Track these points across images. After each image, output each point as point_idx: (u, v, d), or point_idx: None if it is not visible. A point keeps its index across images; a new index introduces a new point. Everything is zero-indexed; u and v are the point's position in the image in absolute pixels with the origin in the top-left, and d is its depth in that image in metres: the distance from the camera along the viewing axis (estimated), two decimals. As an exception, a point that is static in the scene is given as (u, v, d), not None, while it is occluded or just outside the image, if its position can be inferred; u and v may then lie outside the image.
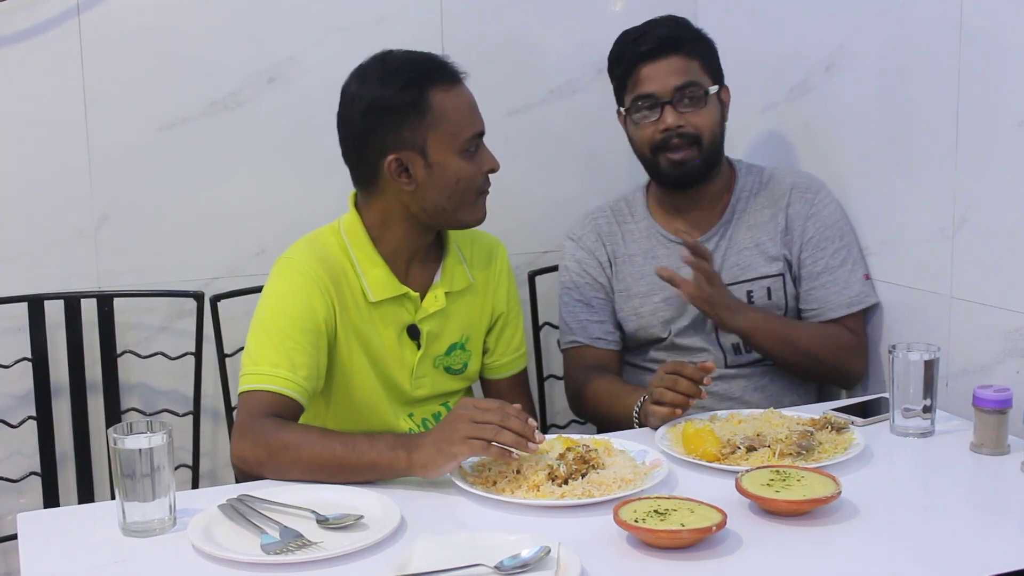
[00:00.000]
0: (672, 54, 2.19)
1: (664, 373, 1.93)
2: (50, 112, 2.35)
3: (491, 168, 1.96)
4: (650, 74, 2.20)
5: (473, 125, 1.93)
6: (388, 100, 1.88)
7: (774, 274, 2.24)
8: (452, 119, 1.89)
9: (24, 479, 2.40)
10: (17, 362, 2.36)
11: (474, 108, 1.95)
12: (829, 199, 2.27)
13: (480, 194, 1.96)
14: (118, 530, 1.57)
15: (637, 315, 2.28)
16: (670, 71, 2.19)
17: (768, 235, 2.26)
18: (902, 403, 1.91)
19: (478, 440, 1.64)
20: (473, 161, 1.93)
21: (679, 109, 2.18)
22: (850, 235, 2.27)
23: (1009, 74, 1.97)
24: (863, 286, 2.24)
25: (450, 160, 1.90)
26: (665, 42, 2.19)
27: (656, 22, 2.25)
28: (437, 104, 1.88)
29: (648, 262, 2.28)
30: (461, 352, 2.08)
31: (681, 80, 2.18)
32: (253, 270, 2.47)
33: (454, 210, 1.94)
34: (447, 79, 1.91)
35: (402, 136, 1.89)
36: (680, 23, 2.25)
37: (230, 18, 2.44)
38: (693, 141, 2.19)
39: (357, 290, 1.97)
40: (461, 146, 1.91)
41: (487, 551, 1.42)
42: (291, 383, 1.84)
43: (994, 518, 1.62)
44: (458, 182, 1.92)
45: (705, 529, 1.47)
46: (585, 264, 2.33)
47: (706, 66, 2.22)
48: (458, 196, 1.93)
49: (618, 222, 2.35)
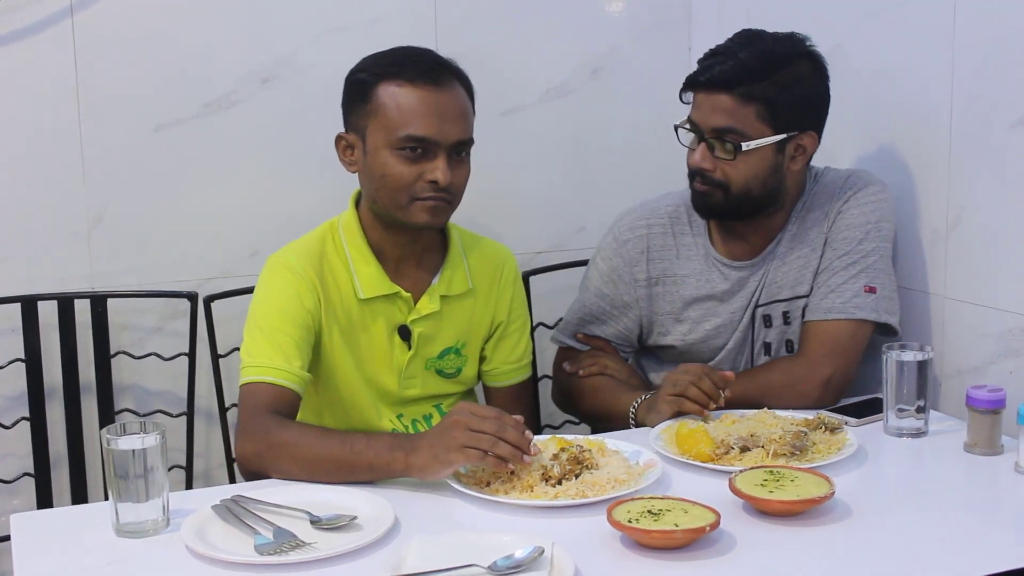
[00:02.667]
0: (724, 92, 1.98)
1: (688, 370, 1.94)
2: (43, 112, 2.35)
3: (433, 179, 1.88)
4: (699, 103, 2.02)
5: (415, 128, 1.87)
6: (350, 79, 1.97)
7: (802, 295, 2.10)
8: (390, 115, 1.89)
9: (17, 480, 2.39)
10: (10, 363, 2.35)
11: (429, 113, 1.87)
12: (868, 198, 2.08)
13: (416, 200, 1.90)
14: (111, 531, 1.57)
15: (684, 341, 2.18)
16: (715, 108, 1.99)
17: (811, 246, 2.10)
18: (896, 403, 1.92)
19: (474, 449, 1.65)
20: (411, 164, 1.89)
21: (715, 152, 2.01)
22: (875, 242, 2.07)
23: (1002, 76, 1.98)
24: (857, 297, 2.04)
25: (380, 153, 1.90)
26: (718, 78, 1.98)
27: (735, 46, 2.01)
28: (380, 95, 1.90)
29: (702, 286, 2.15)
30: (455, 357, 2.08)
31: (722, 123, 1.98)
32: (247, 271, 2.46)
33: (384, 205, 1.93)
34: (407, 76, 1.89)
35: (351, 118, 1.96)
36: (753, 58, 1.98)
37: (224, 18, 2.44)
38: (719, 186, 2.03)
39: (348, 287, 1.97)
40: (394, 143, 1.89)
41: (481, 551, 1.42)
42: (287, 374, 1.87)
43: (987, 518, 1.63)
44: (383, 177, 1.90)
45: (699, 529, 1.47)
46: (617, 274, 2.19)
47: (767, 114, 1.98)
48: (385, 192, 1.91)
49: (674, 234, 2.18)
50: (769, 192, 2.05)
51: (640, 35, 2.75)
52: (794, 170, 2.06)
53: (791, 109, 2.00)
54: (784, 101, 1.99)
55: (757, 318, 2.15)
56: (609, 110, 2.75)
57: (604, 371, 2.19)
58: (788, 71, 1.99)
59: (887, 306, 2.07)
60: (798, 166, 2.06)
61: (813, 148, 2.07)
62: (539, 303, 2.64)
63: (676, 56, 2.76)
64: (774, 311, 2.14)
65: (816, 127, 2.06)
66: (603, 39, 2.72)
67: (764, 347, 2.17)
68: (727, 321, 2.15)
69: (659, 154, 2.76)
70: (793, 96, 2.00)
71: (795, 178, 2.09)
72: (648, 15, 2.75)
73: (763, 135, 1.99)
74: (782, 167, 2.04)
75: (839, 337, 2.04)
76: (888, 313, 2.07)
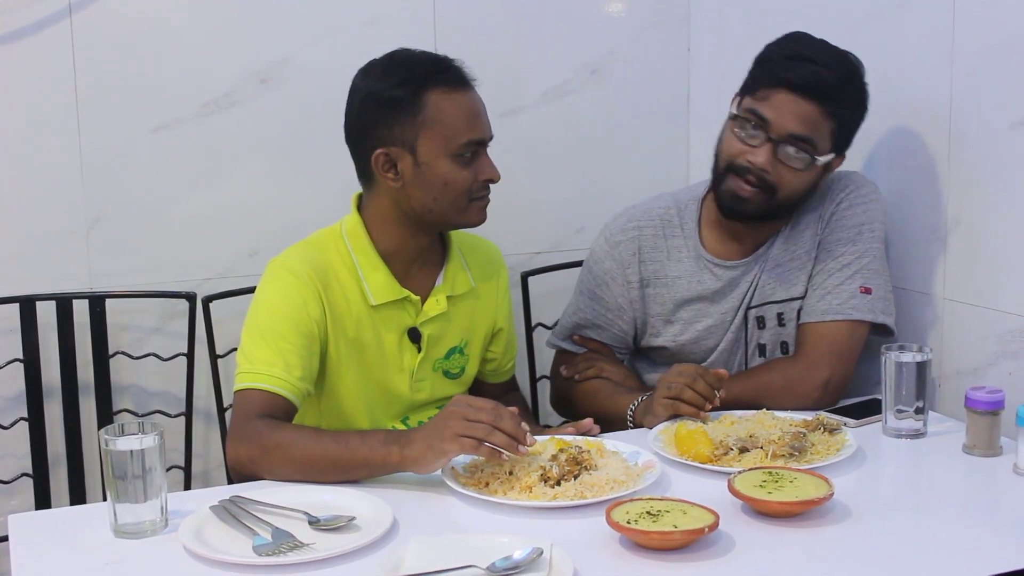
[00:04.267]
0: (813, 101, 1.95)
1: (682, 372, 1.94)
2: (42, 113, 2.35)
3: (489, 178, 1.94)
4: (781, 102, 1.96)
5: (470, 132, 1.90)
6: (384, 94, 1.89)
7: (796, 297, 2.11)
8: (446, 122, 1.88)
9: (15, 480, 2.39)
10: (9, 363, 2.35)
11: (476, 115, 1.92)
12: (861, 200, 2.10)
13: (473, 200, 1.94)
14: (110, 532, 1.57)
15: (675, 342, 2.18)
16: (799, 114, 1.96)
17: (804, 247, 2.11)
18: (895, 404, 1.92)
19: (469, 438, 1.64)
20: (467, 167, 1.91)
21: (779, 155, 1.98)
22: (869, 243, 2.07)
23: (1002, 77, 1.98)
24: (853, 298, 2.05)
25: (440, 162, 1.89)
26: (815, 85, 1.95)
27: (829, 52, 1.99)
28: (432, 105, 1.88)
29: (693, 287, 2.15)
30: (459, 356, 2.09)
31: (802, 131, 1.96)
32: (245, 271, 2.46)
33: (442, 212, 1.93)
34: (448, 82, 1.90)
35: (393, 132, 1.89)
36: (846, 76, 1.98)
37: (223, 19, 2.44)
38: (768, 189, 2.01)
39: (355, 294, 1.96)
40: (453, 150, 1.89)
41: (479, 552, 1.42)
42: (285, 383, 1.84)
43: (986, 520, 1.63)
44: (445, 185, 1.90)
45: (697, 530, 1.47)
46: (610, 276, 2.20)
47: (838, 133, 1.99)
48: (446, 199, 1.92)
49: (665, 236, 2.18)
50: (798, 202, 2.08)
51: (639, 36, 2.75)
52: (820, 185, 2.09)
53: (852, 132, 2.04)
54: (852, 124, 2.03)
55: (750, 319, 2.15)
56: (608, 111, 2.75)
57: (600, 374, 2.19)
58: (862, 96, 2.02)
59: (883, 307, 2.07)
60: (824, 180, 2.09)
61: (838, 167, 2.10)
62: (538, 304, 2.64)
63: (675, 57, 2.77)
64: (768, 312, 2.14)
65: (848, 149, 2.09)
66: (602, 40, 2.72)
67: (758, 349, 2.16)
68: (718, 322, 2.15)
69: (658, 155, 2.77)
70: (857, 121, 2.04)
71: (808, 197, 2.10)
72: (647, 16, 2.75)
73: (827, 152, 2.01)
74: (818, 183, 2.07)
75: (836, 338, 2.05)
76: (884, 314, 2.07)
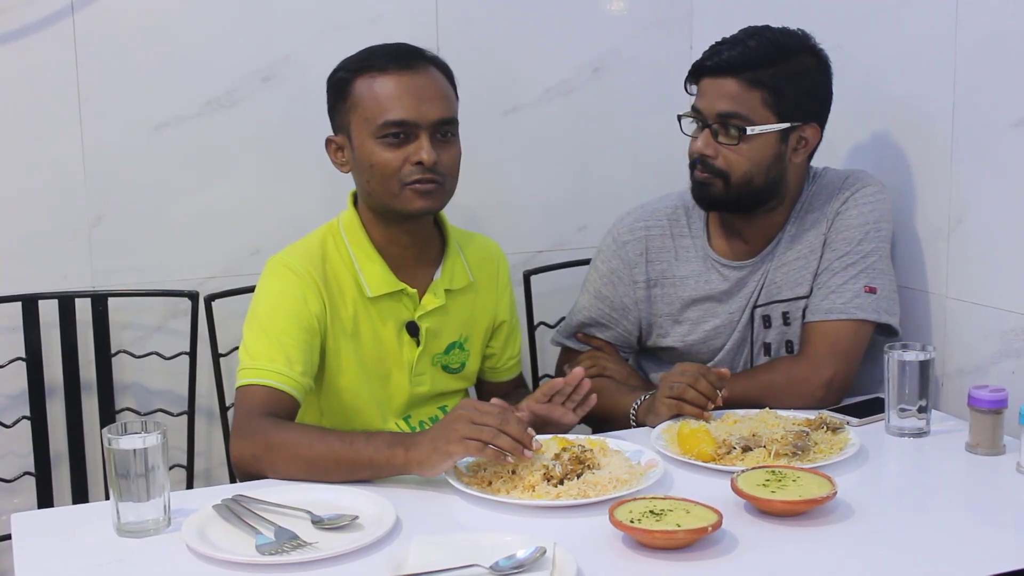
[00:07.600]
0: (730, 76, 1.99)
1: (684, 371, 1.94)
2: (44, 111, 2.35)
3: (417, 160, 1.89)
4: (704, 89, 2.02)
5: (392, 112, 1.89)
6: (329, 82, 1.99)
7: (802, 296, 2.10)
8: (368, 104, 1.91)
9: (18, 479, 2.39)
10: (11, 362, 2.35)
11: (402, 96, 1.89)
12: (866, 198, 2.08)
13: (405, 185, 1.91)
14: (112, 530, 1.57)
15: (683, 342, 2.18)
16: (721, 94, 1.99)
17: (810, 246, 2.10)
18: (897, 403, 1.91)
19: (474, 441, 1.64)
20: (396, 149, 1.90)
21: (718, 139, 2.01)
22: (874, 242, 2.06)
23: (1005, 75, 1.98)
24: (857, 297, 2.04)
25: (366, 144, 1.91)
26: (726, 63, 1.99)
27: (742, 35, 2.03)
28: (358, 89, 1.92)
29: (700, 287, 2.15)
30: (459, 351, 2.09)
31: (726, 108, 1.99)
32: (248, 270, 2.46)
33: (380, 197, 1.93)
34: (377, 66, 1.91)
35: (335, 119, 1.98)
36: (760, 46, 1.99)
37: (225, 17, 2.44)
38: (720, 175, 2.02)
39: (352, 288, 1.97)
40: (375, 132, 1.90)
41: (483, 551, 1.42)
42: (287, 379, 1.85)
43: (989, 519, 1.62)
44: (372, 167, 1.91)
45: (701, 530, 1.46)
46: (617, 275, 2.19)
47: (773, 100, 1.99)
48: (376, 183, 1.92)
49: (673, 235, 2.17)
50: (770, 183, 2.05)
51: (641, 34, 2.75)
52: (796, 162, 2.06)
53: (796, 98, 2.01)
54: (789, 90, 2.00)
55: (756, 318, 2.15)
56: (610, 109, 2.75)
57: (603, 372, 2.19)
58: (795, 61, 2.01)
59: (887, 306, 2.07)
60: (800, 158, 2.06)
61: (816, 141, 2.07)
62: (540, 303, 2.64)
63: (678, 55, 2.76)
64: (773, 312, 2.14)
65: (819, 120, 2.06)
66: (604, 38, 2.72)
67: (764, 348, 2.16)
68: (726, 322, 2.15)
69: (660, 153, 2.76)
70: (798, 86, 2.01)
71: (796, 172, 2.08)
72: (649, 14, 2.75)
73: (768, 122, 2.00)
74: (784, 158, 2.04)
75: (840, 338, 2.04)
76: (888, 313, 2.07)
